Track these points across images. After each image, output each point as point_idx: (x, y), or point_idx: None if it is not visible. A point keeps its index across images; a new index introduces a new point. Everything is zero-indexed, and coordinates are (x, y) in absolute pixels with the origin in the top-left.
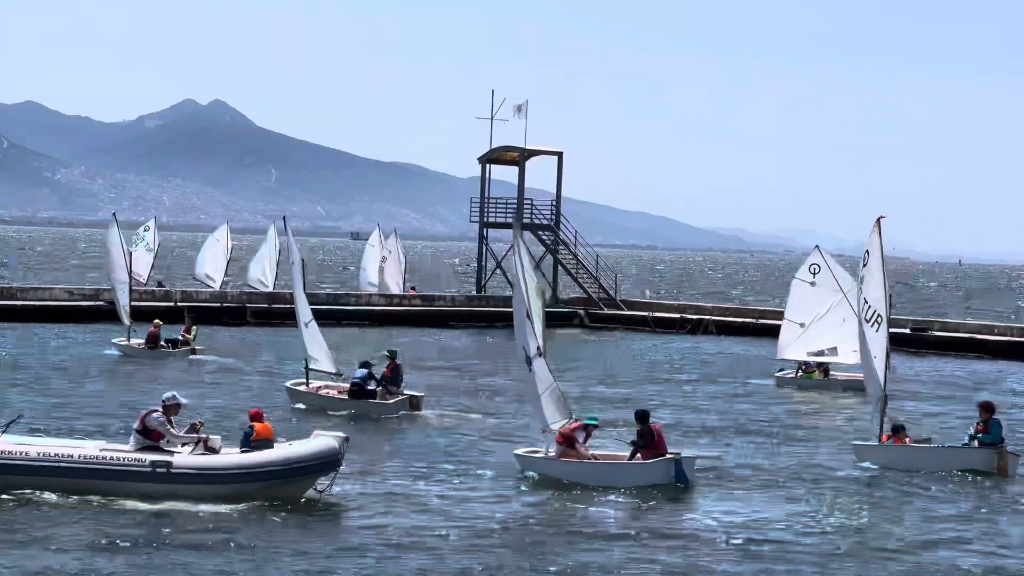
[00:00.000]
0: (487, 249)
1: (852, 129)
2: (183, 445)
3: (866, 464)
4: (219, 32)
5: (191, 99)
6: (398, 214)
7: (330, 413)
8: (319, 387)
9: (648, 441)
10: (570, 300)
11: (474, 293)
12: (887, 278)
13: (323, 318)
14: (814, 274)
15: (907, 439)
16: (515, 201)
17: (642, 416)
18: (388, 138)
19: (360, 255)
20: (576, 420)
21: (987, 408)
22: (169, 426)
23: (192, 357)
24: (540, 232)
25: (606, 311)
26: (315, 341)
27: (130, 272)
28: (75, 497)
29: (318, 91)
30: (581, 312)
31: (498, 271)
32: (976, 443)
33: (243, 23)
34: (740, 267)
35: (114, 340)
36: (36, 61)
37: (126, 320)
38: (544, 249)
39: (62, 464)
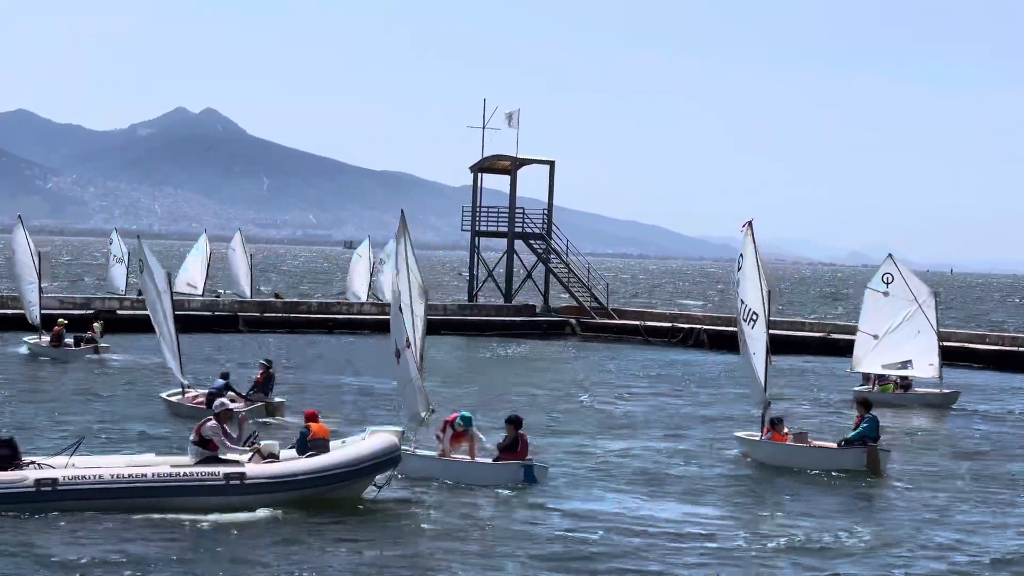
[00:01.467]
0: (479, 258)
1: (845, 139)
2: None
3: (748, 458)
4: (211, 41)
5: (183, 107)
6: (389, 223)
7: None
8: (195, 396)
9: (512, 446)
10: (561, 309)
11: (466, 302)
12: (765, 279)
13: (314, 327)
14: (887, 284)
15: (786, 433)
16: (507, 210)
17: (514, 421)
18: (380, 146)
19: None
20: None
21: (864, 405)
22: (223, 435)
23: (93, 356)
24: (532, 241)
25: (598, 320)
26: (168, 350)
27: (34, 271)
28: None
29: (309, 99)
30: (573, 321)
31: (490, 280)
32: (846, 441)
33: (235, 32)
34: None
35: (25, 339)
36: (27, 69)
37: (34, 319)
38: (536, 258)
39: (138, 484)
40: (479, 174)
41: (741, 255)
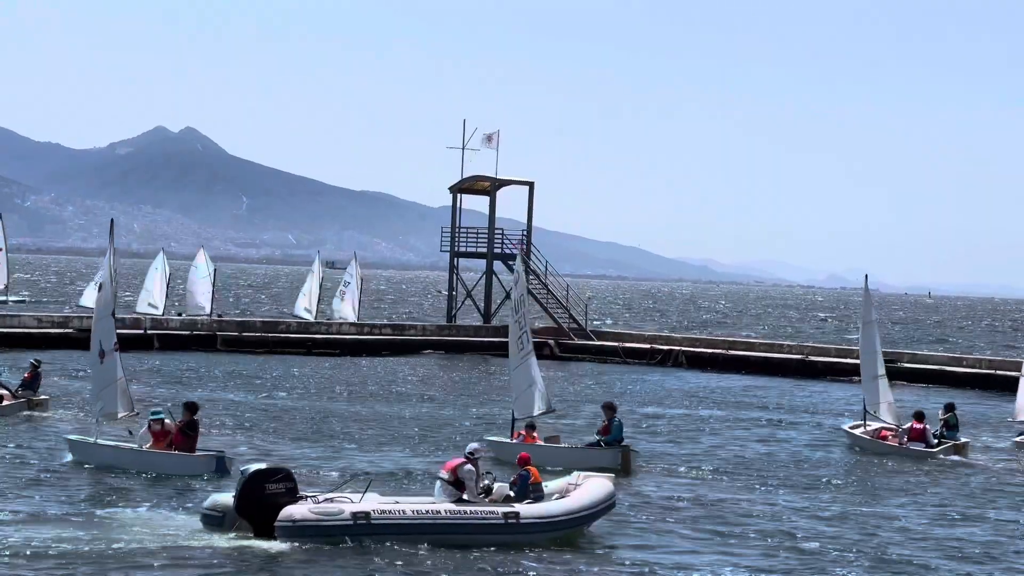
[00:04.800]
0: (458, 278)
1: (823, 161)
2: (478, 495)
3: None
4: (190, 60)
5: (162, 126)
6: (368, 243)
7: None
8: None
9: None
10: (540, 330)
11: (444, 322)
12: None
13: (293, 346)
14: None
15: (536, 437)
16: (486, 231)
17: (191, 407)
18: (359, 167)
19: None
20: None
21: (610, 408)
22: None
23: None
24: (510, 262)
25: (576, 341)
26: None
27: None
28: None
29: (289, 119)
30: (551, 342)
31: (469, 300)
32: (602, 444)
33: (214, 51)
34: (744, 299)
35: None
36: (6, 87)
37: None
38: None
39: (433, 521)
40: (459, 195)
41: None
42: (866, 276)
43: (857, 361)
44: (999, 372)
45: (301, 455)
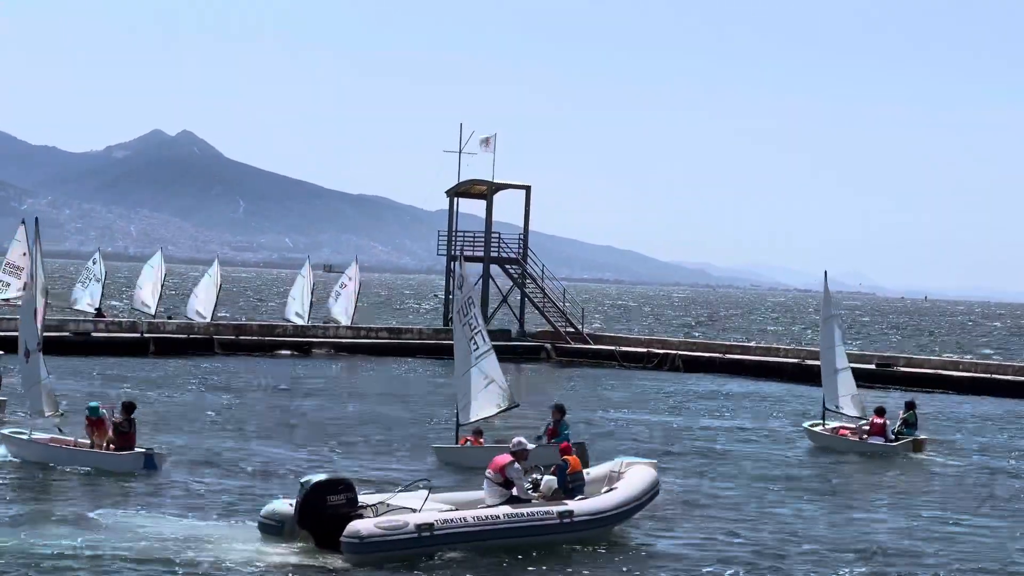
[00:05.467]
0: (454, 282)
1: (819, 165)
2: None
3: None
4: (187, 63)
5: (159, 129)
6: (365, 246)
7: None
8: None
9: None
10: (537, 334)
11: (441, 326)
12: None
13: (291, 349)
14: None
15: (482, 441)
16: (483, 234)
17: (128, 406)
18: (356, 170)
19: (330, 287)
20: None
21: (559, 410)
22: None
23: None
24: (507, 266)
25: (573, 345)
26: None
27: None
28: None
29: (286, 123)
30: (548, 346)
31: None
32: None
33: (211, 54)
34: (757, 302)
35: None
36: (2, 90)
37: None
38: (511, 283)
39: (494, 527)
40: (455, 198)
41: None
42: (825, 273)
43: (853, 364)
44: (995, 376)
45: (284, 456)
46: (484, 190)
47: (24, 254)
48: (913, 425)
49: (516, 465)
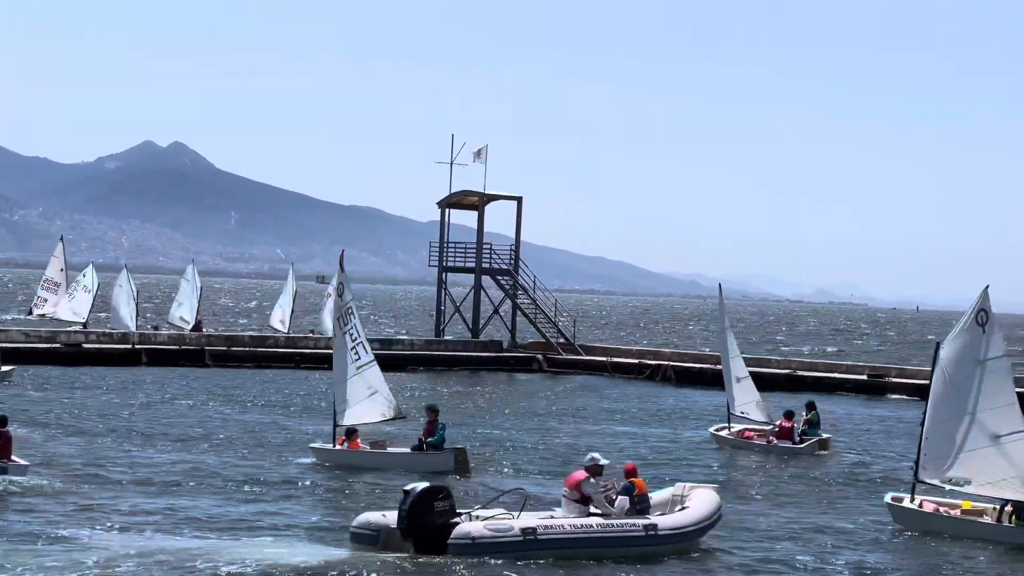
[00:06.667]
0: (446, 293)
1: (810, 175)
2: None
3: (322, 464)
4: (179, 74)
5: (150, 140)
6: (357, 257)
7: None
8: None
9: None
10: (528, 345)
11: (433, 337)
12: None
13: (282, 361)
14: None
15: (359, 443)
16: (474, 245)
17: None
18: (347, 181)
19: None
20: None
21: (432, 411)
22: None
23: None
24: (499, 276)
25: (564, 356)
26: None
27: None
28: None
29: (278, 134)
30: (539, 357)
31: (457, 315)
32: (425, 446)
33: (203, 65)
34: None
35: None
36: None
37: None
38: (503, 294)
39: (588, 536)
40: (447, 209)
41: (340, 288)
42: (720, 285)
43: (849, 376)
44: None
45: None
46: (476, 201)
47: (61, 270)
48: (816, 424)
49: (591, 480)
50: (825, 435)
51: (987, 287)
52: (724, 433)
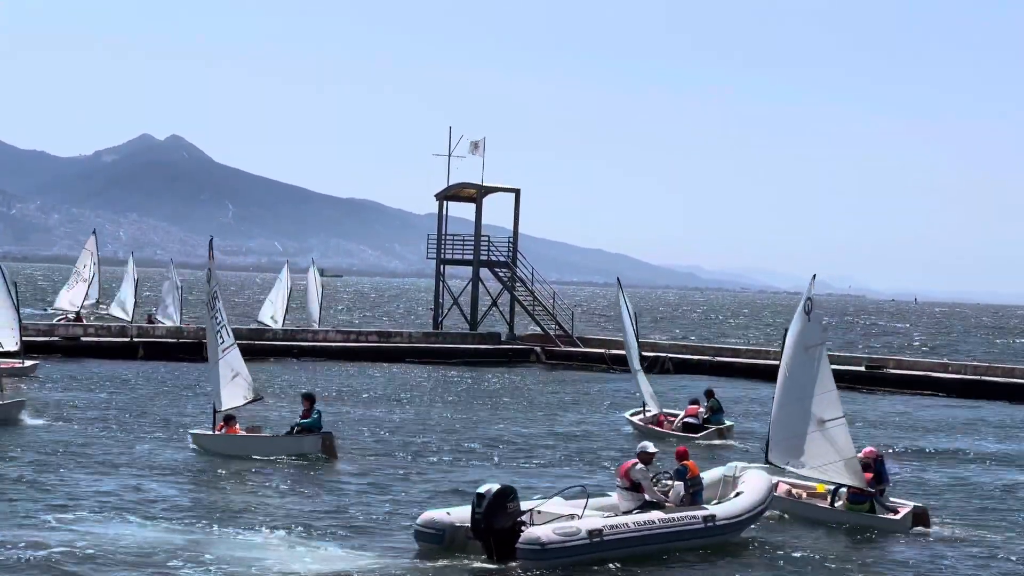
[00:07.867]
0: (444, 286)
1: (808, 167)
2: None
3: (200, 449)
4: (176, 67)
5: (148, 134)
6: (355, 250)
7: None
8: None
9: None
10: (526, 337)
11: (431, 330)
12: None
13: (279, 354)
14: None
15: (236, 428)
16: (472, 238)
17: None
18: (345, 174)
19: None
20: None
21: (308, 398)
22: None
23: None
24: (497, 269)
25: (563, 348)
26: None
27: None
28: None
29: (275, 127)
30: (538, 349)
31: (455, 307)
32: (294, 429)
33: (200, 58)
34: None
35: None
36: None
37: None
38: (501, 286)
39: (652, 532)
40: (445, 202)
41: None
42: (618, 279)
43: (843, 367)
44: (985, 378)
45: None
46: (473, 194)
47: (95, 263)
48: (719, 411)
49: (639, 466)
50: (728, 422)
51: (814, 276)
52: (638, 419)
